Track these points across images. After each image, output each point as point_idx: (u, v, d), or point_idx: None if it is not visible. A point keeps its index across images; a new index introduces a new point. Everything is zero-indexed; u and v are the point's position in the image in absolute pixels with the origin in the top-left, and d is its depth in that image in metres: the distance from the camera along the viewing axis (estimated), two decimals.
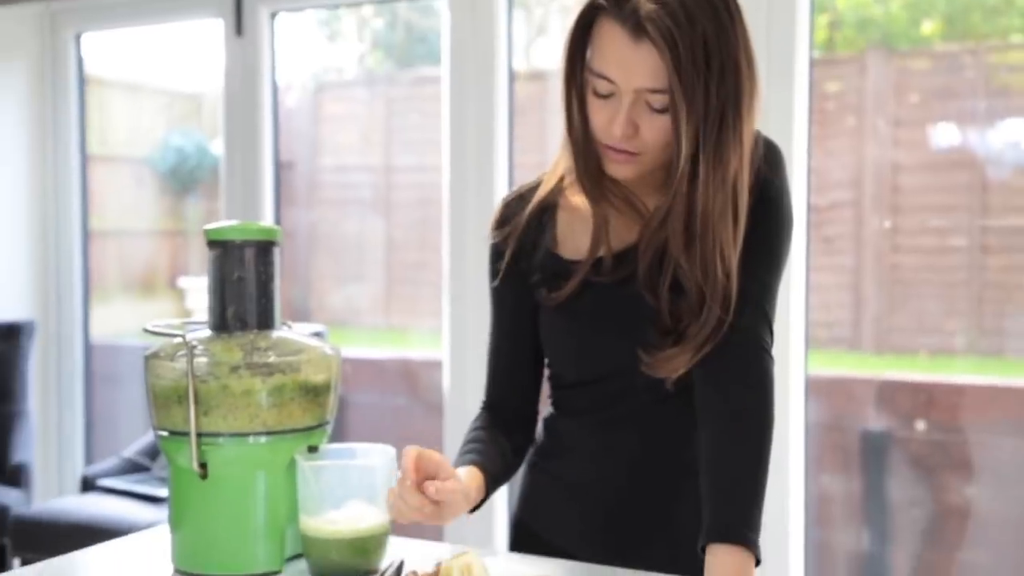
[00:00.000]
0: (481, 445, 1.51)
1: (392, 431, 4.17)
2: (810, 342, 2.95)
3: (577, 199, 1.51)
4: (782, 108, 2.81)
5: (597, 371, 1.51)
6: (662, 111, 1.34)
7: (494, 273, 1.56)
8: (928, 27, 3.47)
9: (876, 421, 3.35)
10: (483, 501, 1.46)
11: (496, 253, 1.56)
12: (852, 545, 3.37)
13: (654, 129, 1.35)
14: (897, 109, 3.36)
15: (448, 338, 3.39)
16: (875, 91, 3.38)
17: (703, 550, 1.31)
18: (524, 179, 1.62)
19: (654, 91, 1.32)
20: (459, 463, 1.48)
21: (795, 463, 2.88)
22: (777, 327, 1.46)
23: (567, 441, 1.56)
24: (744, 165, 1.37)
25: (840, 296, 3.42)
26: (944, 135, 3.31)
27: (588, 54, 1.38)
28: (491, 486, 1.48)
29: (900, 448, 3.31)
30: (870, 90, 3.39)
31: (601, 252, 1.46)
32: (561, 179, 1.53)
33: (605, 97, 1.36)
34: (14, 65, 4.16)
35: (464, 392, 3.35)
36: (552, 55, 3.58)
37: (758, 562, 1.30)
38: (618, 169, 1.41)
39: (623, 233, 1.47)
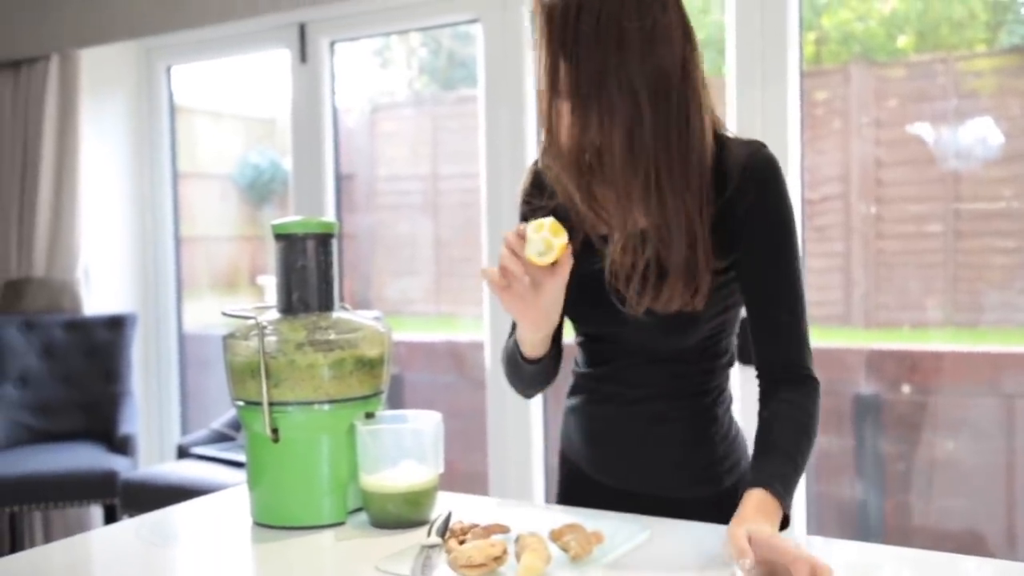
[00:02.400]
0: None
1: (442, 404, 4.16)
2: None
3: None
4: (777, 115, 2.78)
5: (591, 333, 1.52)
6: None
7: None
8: (903, 41, 3.41)
9: (866, 386, 3.30)
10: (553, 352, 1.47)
11: (523, 217, 1.55)
12: (847, 494, 3.33)
13: None
14: (878, 112, 3.31)
15: (489, 323, 3.36)
16: (858, 97, 3.33)
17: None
18: None
19: None
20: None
21: None
22: None
23: (585, 387, 1.56)
24: (693, 122, 1.31)
25: (832, 278, 3.37)
26: (920, 134, 3.26)
27: None
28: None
29: (888, 409, 3.26)
30: (853, 97, 3.34)
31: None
32: None
33: None
34: (115, 95, 4.18)
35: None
36: None
37: (786, 521, 1.25)
38: None
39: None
